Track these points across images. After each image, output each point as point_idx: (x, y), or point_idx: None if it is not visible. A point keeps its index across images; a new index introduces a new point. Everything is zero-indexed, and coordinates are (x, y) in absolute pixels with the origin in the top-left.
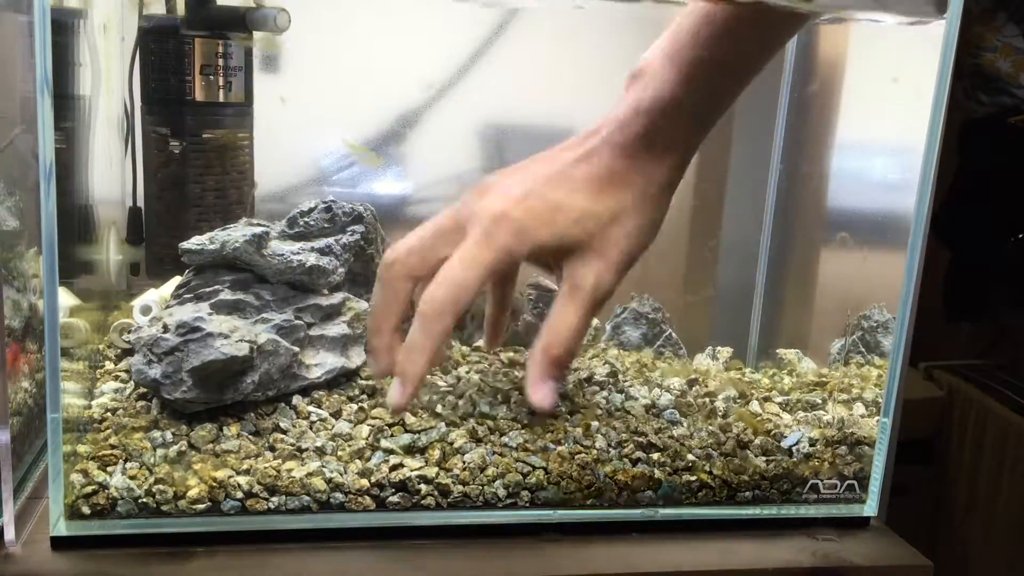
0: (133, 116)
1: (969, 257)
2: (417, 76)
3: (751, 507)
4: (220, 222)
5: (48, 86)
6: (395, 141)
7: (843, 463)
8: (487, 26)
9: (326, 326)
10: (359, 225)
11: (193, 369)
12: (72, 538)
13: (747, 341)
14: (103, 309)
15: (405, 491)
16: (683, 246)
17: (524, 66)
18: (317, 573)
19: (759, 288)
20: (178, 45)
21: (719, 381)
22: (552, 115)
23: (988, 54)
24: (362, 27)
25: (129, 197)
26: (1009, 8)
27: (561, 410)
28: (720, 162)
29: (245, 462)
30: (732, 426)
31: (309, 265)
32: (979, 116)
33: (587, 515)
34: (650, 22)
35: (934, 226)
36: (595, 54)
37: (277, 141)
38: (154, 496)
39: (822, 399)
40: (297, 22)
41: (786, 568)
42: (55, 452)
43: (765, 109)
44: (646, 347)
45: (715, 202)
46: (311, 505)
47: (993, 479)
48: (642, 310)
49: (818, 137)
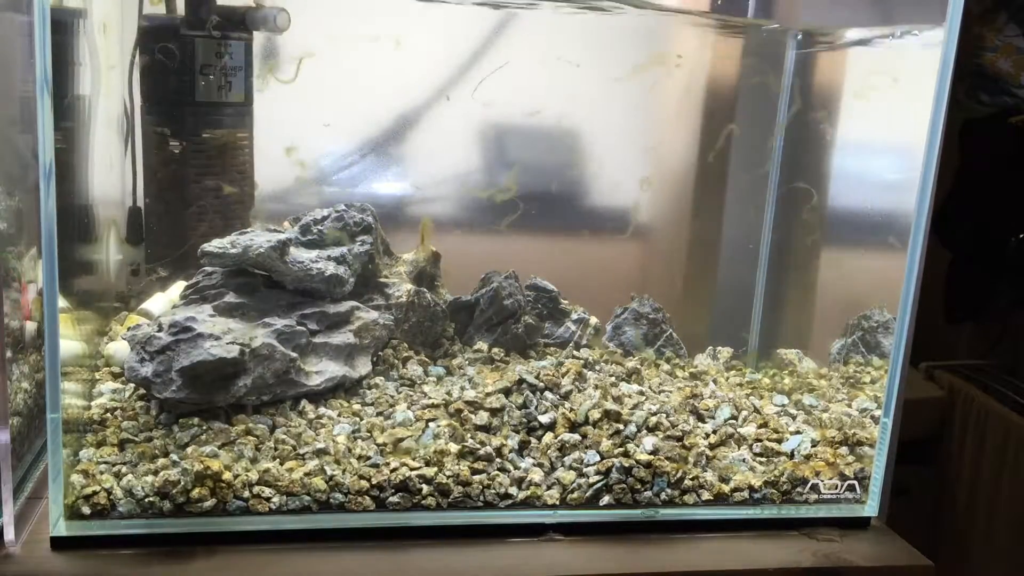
0: (133, 116)
1: (970, 257)
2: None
3: (751, 507)
4: (220, 222)
5: (48, 86)
6: (396, 141)
7: (844, 463)
8: (487, 27)
9: (331, 334)
10: (368, 235)
11: (182, 369)
12: (72, 538)
13: (748, 341)
14: (102, 312)
15: (405, 491)
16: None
17: (524, 66)
18: (317, 573)
19: (759, 288)
20: (178, 45)
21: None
22: (552, 115)
23: (989, 54)
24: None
25: (129, 197)
26: (1010, 8)
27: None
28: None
29: (245, 462)
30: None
31: (328, 274)
32: (979, 116)
33: (587, 515)
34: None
35: (935, 226)
36: (594, 56)
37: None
38: (154, 496)
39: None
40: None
41: (786, 568)
42: (55, 452)
43: (765, 113)
44: (647, 347)
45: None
46: (311, 505)
47: (994, 479)
48: (642, 310)
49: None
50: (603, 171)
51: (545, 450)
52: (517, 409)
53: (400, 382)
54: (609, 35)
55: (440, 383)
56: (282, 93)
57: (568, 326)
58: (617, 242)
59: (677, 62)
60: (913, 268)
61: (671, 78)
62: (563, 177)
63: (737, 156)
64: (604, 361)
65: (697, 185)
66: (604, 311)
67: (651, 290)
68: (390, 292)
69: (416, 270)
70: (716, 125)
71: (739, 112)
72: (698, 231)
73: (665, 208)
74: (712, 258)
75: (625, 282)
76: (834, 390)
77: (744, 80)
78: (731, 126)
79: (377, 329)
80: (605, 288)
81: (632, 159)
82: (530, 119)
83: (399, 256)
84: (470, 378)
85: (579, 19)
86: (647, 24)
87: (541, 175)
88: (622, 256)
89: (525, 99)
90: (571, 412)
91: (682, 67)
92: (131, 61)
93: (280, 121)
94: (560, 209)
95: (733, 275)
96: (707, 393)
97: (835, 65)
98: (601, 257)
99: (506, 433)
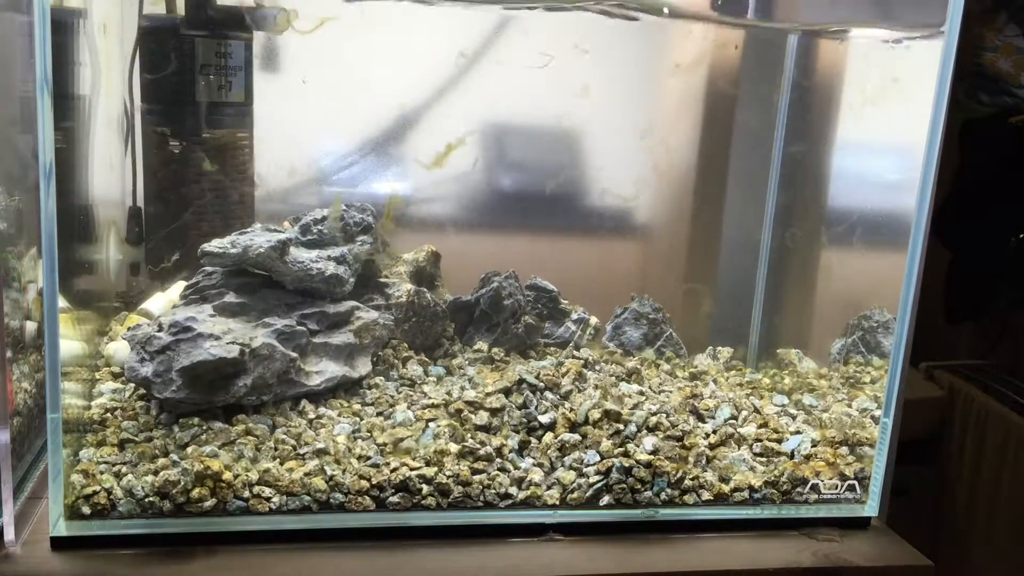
0: (133, 116)
1: (970, 257)
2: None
3: (751, 507)
4: (220, 222)
5: (48, 86)
6: (396, 141)
7: (844, 463)
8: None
9: (331, 334)
10: (367, 235)
11: (183, 369)
12: (72, 538)
13: (748, 341)
14: (102, 312)
15: (405, 491)
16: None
17: (524, 67)
18: (317, 573)
19: (759, 288)
20: (178, 45)
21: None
22: (551, 115)
23: (989, 54)
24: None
25: (129, 197)
26: (1010, 8)
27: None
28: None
29: (245, 462)
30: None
31: (329, 274)
32: (979, 116)
33: (587, 515)
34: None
35: (935, 226)
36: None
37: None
38: (154, 496)
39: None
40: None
41: (786, 568)
42: (55, 452)
43: (765, 109)
44: (647, 347)
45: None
46: (311, 505)
47: (994, 479)
48: (642, 310)
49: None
50: (603, 171)
51: (545, 450)
52: (517, 409)
53: (400, 382)
54: (609, 34)
55: (440, 383)
56: (282, 93)
57: (568, 326)
58: (617, 242)
59: (677, 62)
60: (913, 268)
61: (672, 78)
62: (563, 177)
63: (737, 156)
64: (604, 361)
65: (697, 185)
66: (604, 311)
67: (651, 290)
68: (390, 292)
69: (416, 270)
70: (716, 124)
71: (740, 112)
72: (698, 230)
73: (665, 208)
74: (712, 258)
75: (625, 282)
76: (834, 390)
77: (744, 80)
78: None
79: (377, 329)
80: (605, 288)
81: (632, 159)
82: (530, 119)
83: (399, 256)
84: (470, 378)
85: (579, 18)
86: (647, 23)
87: (541, 175)
88: (622, 256)
89: (524, 99)
90: (571, 412)
91: (682, 67)
92: (131, 61)
93: (280, 121)
94: (560, 209)
95: (733, 275)
96: (707, 393)
97: (836, 64)
98: (601, 257)
99: (506, 433)
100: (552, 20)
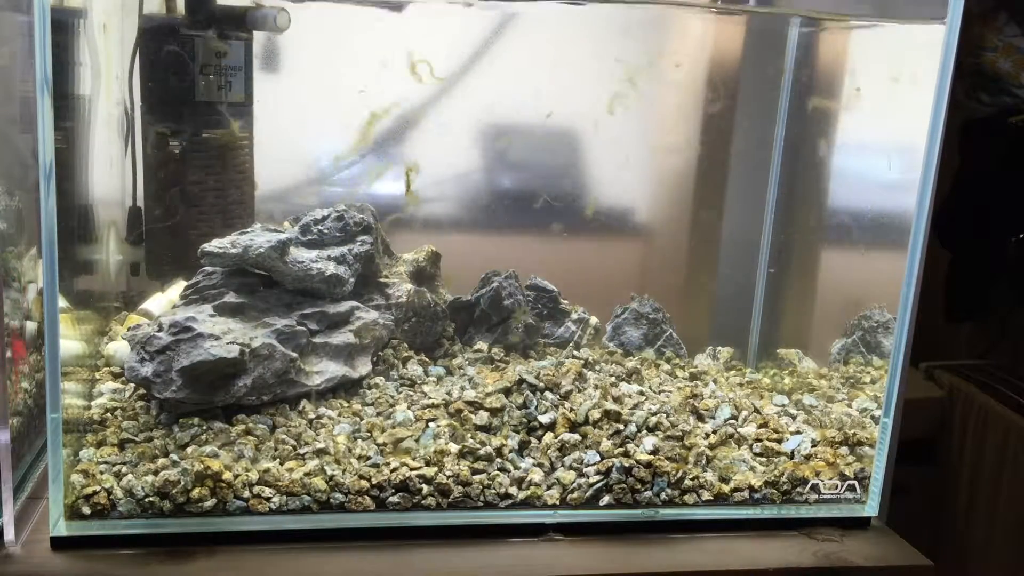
0: (133, 116)
1: (970, 257)
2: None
3: (751, 507)
4: (220, 221)
5: (48, 86)
6: (396, 141)
7: (844, 463)
8: (487, 28)
9: (331, 334)
10: (368, 235)
11: (183, 369)
12: (72, 538)
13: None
14: (102, 312)
15: (405, 491)
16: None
17: (523, 67)
18: (317, 573)
19: (759, 288)
20: (178, 45)
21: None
22: (553, 115)
23: (989, 54)
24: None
25: (129, 197)
26: (1010, 8)
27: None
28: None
29: (245, 462)
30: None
31: (329, 274)
32: (980, 116)
33: (587, 515)
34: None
35: (935, 226)
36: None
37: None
38: (154, 496)
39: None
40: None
41: (786, 568)
42: (55, 452)
43: (765, 111)
44: (647, 347)
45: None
46: (311, 505)
47: (994, 479)
48: (642, 310)
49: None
50: (603, 170)
51: (545, 450)
52: (517, 409)
53: (400, 382)
54: (608, 33)
55: (440, 383)
56: (281, 93)
57: (568, 326)
58: (617, 242)
59: (677, 62)
60: (913, 268)
61: (672, 75)
62: (563, 176)
63: (738, 156)
64: (604, 361)
65: (697, 184)
66: (604, 311)
67: (651, 290)
68: (390, 292)
69: (416, 270)
70: (716, 124)
71: (740, 112)
72: (698, 230)
73: (665, 208)
74: (712, 258)
75: (625, 282)
76: (834, 390)
77: (745, 81)
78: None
79: (377, 329)
80: (605, 288)
81: (631, 159)
82: (530, 119)
83: (399, 256)
84: (470, 378)
85: (579, 18)
86: (646, 18)
87: (540, 175)
88: (622, 256)
89: (525, 99)
90: (571, 412)
91: (683, 65)
92: (131, 61)
93: (281, 120)
94: (561, 209)
95: (733, 275)
96: (707, 393)
97: (836, 63)
98: (601, 257)
99: (506, 433)
100: (552, 19)
